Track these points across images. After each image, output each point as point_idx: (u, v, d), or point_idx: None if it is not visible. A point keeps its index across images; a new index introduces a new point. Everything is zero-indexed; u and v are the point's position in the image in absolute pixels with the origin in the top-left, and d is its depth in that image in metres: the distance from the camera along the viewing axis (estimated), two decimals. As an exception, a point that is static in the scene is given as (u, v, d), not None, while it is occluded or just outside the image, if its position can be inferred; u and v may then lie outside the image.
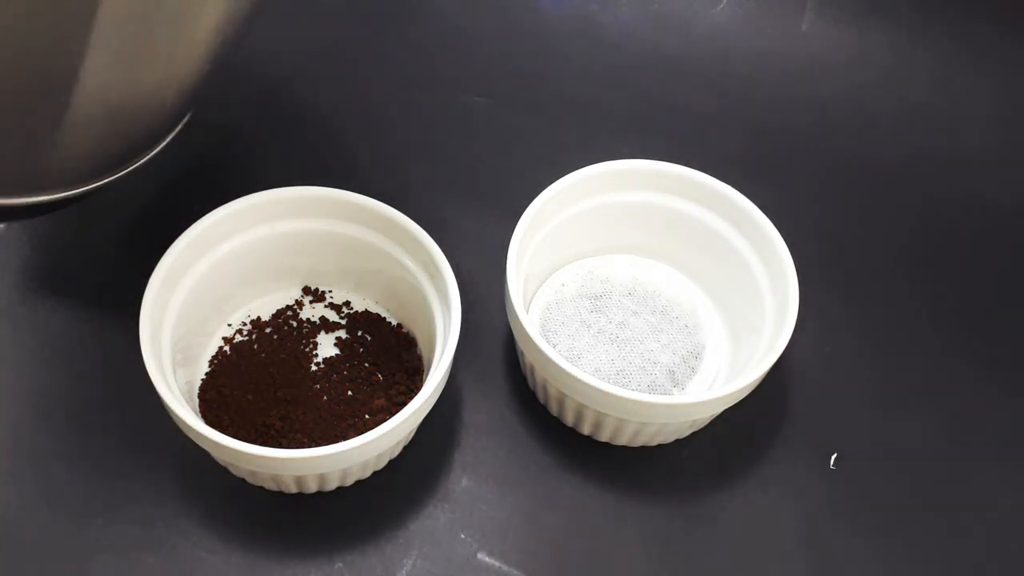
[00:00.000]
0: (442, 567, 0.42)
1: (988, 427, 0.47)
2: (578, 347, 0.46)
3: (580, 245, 0.49)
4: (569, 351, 0.46)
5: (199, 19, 0.39)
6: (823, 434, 0.47)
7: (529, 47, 0.59)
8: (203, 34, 0.40)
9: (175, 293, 0.43)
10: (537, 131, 0.56)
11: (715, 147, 0.56)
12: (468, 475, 0.45)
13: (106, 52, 0.36)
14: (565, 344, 0.46)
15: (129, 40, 0.37)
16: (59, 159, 0.41)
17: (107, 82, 0.38)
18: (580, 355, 0.46)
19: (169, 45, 0.39)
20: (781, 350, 0.42)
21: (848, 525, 0.44)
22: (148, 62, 0.39)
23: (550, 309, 0.48)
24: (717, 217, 0.47)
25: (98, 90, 0.38)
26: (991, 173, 0.56)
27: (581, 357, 0.46)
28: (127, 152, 0.44)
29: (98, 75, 0.37)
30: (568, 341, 0.46)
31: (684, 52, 0.60)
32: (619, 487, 0.45)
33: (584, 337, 0.46)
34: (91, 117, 0.39)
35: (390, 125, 0.56)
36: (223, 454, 0.40)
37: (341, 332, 0.47)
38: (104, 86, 0.38)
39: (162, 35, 0.38)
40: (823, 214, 0.54)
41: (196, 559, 0.42)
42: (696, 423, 0.45)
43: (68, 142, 0.40)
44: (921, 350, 0.49)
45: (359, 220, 0.45)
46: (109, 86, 0.38)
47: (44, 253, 0.50)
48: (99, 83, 0.37)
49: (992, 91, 0.59)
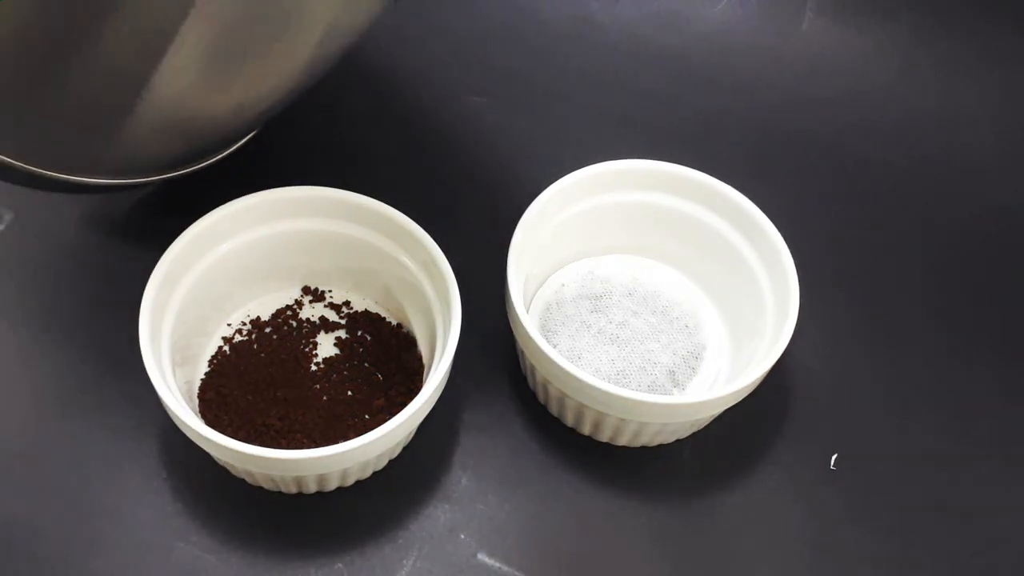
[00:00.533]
0: (442, 567, 0.42)
1: (989, 427, 0.47)
2: (578, 347, 0.46)
3: (580, 245, 0.49)
4: (569, 351, 0.46)
5: (289, 59, 0.39)
6: (823, 434, 0.47)
7: (529, 47, 0.59)
8: (291, 71, 0.40)
9: (175, 293, 0.43)
10: (537, 131, 0.56)
11: (715, 147, 0.56)
12: (468, 475, 0.45)
13: (185, 74, 0.36)
14: (565, 344, 0.46)
15: (212, 68, 0.37)
16: (119, 153, 0.41)
17: (179, 101, 0.38)
18: (580, 355, 0.46)
19: (254, 79, 0.39)
20: (781, 351, 0.42)
21: (848, 525, 0.44)
22: (225, 90, 0.39)
23: (550, 309, 0.48)
24: (717, 217, 0.47)
25: (168, 103, 0.38)
26: (993, 173, 0.56)
27: (581, 357, 0.46)
28: (190, 156, 0.44)
29: (170, 93, 0.37)
30: (568, 341, 0.46)
31: (684, 52, 0.60)
32: (619, 487, 0.45)
33: (584, 337, 0.46)
34: (155, 127, 0.39)
35: (390, 125, 0.56)
36: (223, 454, 0.40)
37: (341, 332, 0.47)
38: (175, 105, 0.38)
39: (248, 70, 0.38)
40: (824, 214, 0.54)
41: (196, 559, 0.42)
42: (696, 423, 0.45)
43: (129, 141, 0.40)
44: (922, 351, 0.49)
45: (359, 220, 0.45)
46: (180, 105, 0.38)
47: (44, 253, 0.50)
48: (170, 97, 0.37)
49: (994, 91, 0.59)
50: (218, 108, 0.40)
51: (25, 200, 0.51)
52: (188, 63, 0.36)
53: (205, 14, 0.33)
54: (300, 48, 0.38)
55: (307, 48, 0.39)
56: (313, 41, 0.38)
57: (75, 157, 0.41)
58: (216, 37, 0.35)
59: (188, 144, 0.43)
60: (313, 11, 0.37)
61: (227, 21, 0.35)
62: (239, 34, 0.36)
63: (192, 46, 0.35)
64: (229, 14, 0.34)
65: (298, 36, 0.38)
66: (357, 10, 0.39)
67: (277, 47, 0.38)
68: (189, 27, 0.34)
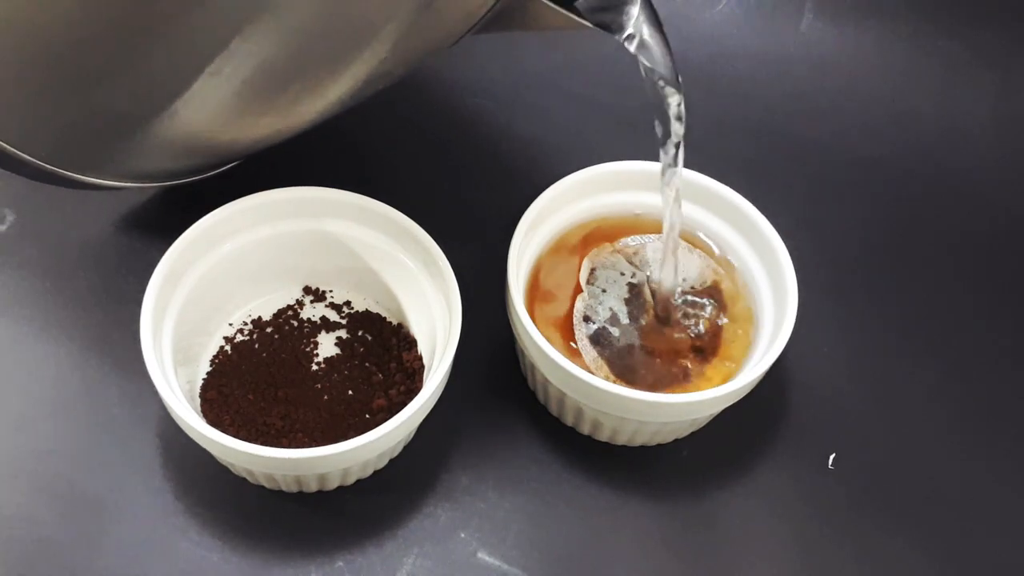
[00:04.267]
0: (442, 567, 0.42)
1: (988, 427, 0.48)
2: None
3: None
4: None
5: (321, 101, 0.39)
6: (822, 434, 0.47)
7: (529, 47, 0.59)
8: (321, 111, 0.39)
9: (176, 293, 0.43)
10: (536, 131, 0.56)
11: (714, 147, 0.55)
12: (468, 475, 0.45)
13: (212, 104, 0.36)
14: (565, 344, 0.46)
15: (242, 102, 0.37)
16: (137, 162, 0.41)
17: (205, 125, 0.38)
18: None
19: (284, 115, 0.39)
20: (780, 350, 0.42)
21: (847, 525, 0.44)
22: (254, 123, 0.39)
23: (550, 309, 0.48)
24: (716, 217, 0.47)
25: (193, 127, 0.38)
26: (992, 173, 0.56)
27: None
28: (207, 168, 0.44)
29: (197, 118, 0.37)
30: (568, 341, 0.46)
31: (683, 52, 0.59)
32: (619, 487, 0.45)
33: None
34: (177, 145, 0.40)
35: (390, 125, 0.56)
36: (224, 454, 0.40)
37: (342, 332, 0.47)
38: (200, 128, 0.38)
39: (280, 106, 0.38)
40: (822, 215, 0.54)
41: (197, 557, 0.42)
42: (696, 423, 0.45)
43: (150, 153, 0.40)
44: (921, 351, 0.50)
45: (360, 220, 0.46)
46: (206, 128, 0.39)
47: (44, 253, 0.50)
48: (196, 121, 0.38)
49: (993, 91, 0.59)
50: (243, 135, 0.40)
51: (26, 200, 0.51)
52: (217, 94, 0.36)
53: (243, 51, 0.33)
54: (332, 93, 0.38)
55: (340, 94, 0.38)
56: (348, 92, 0.38)
57: (92, 159, 0.41)
58: (252, 74, 0.35)
59: (206, 160, 0.44)
60: (351, 65, 0.36)
61: (264, 60, 0.34)
62: (275, 75, 0.36)
63: (226, 80, 0.34)
64: (267, 53, 0.34)
65: (333, 87, 0.38)
66: (407, 59, 0.39)
67: (309, 91, 0.38)
68: (224, 61, 0.34)
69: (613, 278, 0.46)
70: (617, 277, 0.47)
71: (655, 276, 0.46)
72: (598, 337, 0.45)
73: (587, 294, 0.46)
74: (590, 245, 0.47)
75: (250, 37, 0.33)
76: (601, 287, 0.46)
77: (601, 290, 0.46)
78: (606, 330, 0.45)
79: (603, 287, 0.46)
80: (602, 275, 0.47)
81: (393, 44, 0.36)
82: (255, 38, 0.33)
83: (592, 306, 0.46)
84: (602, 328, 0.45)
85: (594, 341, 0.45)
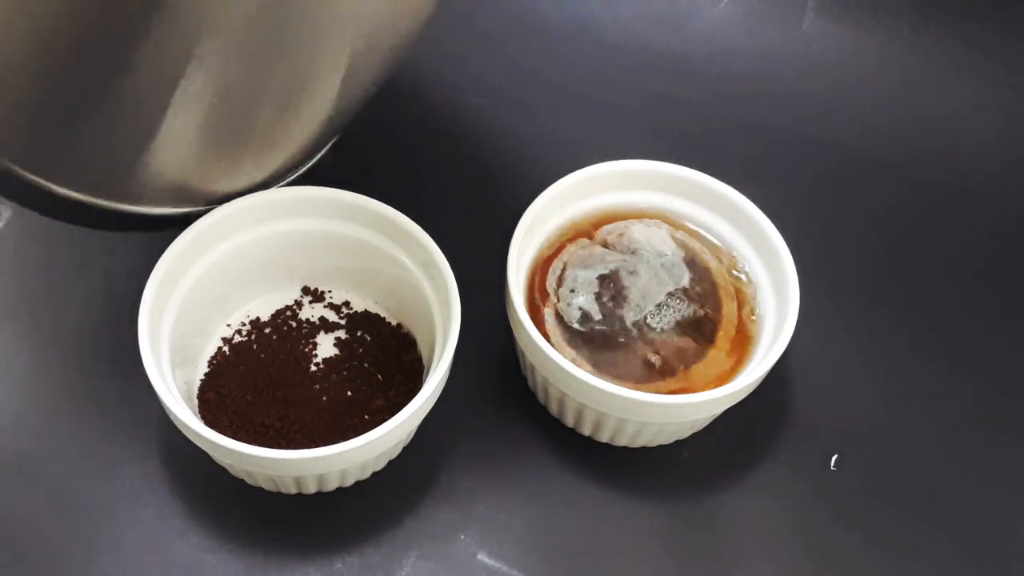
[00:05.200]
0: (442, 568, 0.42)
1: (989, 427, 0.47)
2: (578, 347, 0.46)
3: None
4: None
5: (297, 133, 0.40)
6: (824, 434, 0.46)
7: (528, 47, 0.59)
8: (299, 144, 0.41)
9: (174, 293, 0.43)
10: (536, 131, 0.56)
11: (715, 147, 0.55)
12: (468, 475, 0.45)
13: (183, 143, 0.37)
14: (565, 344, 0.46)
15: (207, 143, 0.38)
16: (138, 184, 0.42)
17: (184, 166, 0.40)
18: (580, 355, 0.46)
19: (244, 170, 0.41)
20: (781, 350, 0.42)
21: (849, 526, 0.44)
22: (227, 170, 0.41)
23: (550, 309, 0.47)
24: (717, 217, 0.47)
25: (169, 168, 0.39)
26: (992, 173, 0.56)
27: (581, 357, 0.46)
28: (204, 199, 0.45)
29: (171, 159, 0.38)
30: (568, 341, 0.46)
31: (684, 52, 0.60)
32: (619, 487, 0.45)
33: (584, 337, 0.46)
34: (156, 183, 0.40)
35: (389, 125, 0.56)
36: (222, 455, 0.40)
37: (340, 332, 0.47)
38: (182, 168, 0.40)
39: (237, 159, 0.40)
40: (823, 214, 0.54)
41: (196, 559, 0.42)
42: (696, 423, 0.45)
43: (143, 177, 0.41)
44: (922, 350, 0.49)
45: (359, 220, 0.45)
46: (187, 168, 0.40)
47: (44, 253, 0.50)
48: (176, 160, 0.39)
49: (993, 90, 0.59)
50: (220, 176, 0.42)
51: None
52: (184, 133, 0.36)
53: (194, 91, 0.34)
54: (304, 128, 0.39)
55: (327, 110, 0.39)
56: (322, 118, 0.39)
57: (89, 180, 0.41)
58: (208, 115, 0.35)
59: (194, 201, 0.44)
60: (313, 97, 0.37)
61: (219, 99, 0.35)
62: (236, 114, 0.36)
63: (186, 120, 0.35)
64: (219, 94, 0.35)
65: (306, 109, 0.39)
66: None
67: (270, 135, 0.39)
68: (181, 101, 0.34)
69: (586, 277, 0.46)
70: (591, 277, 0.46)
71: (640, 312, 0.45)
72: (576, 336, 0.44)
73: (555, 297, 0.45)
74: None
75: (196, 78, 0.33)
76: (570, 287, 0.45)
77: (570, 290, 0.45)
78: (580, 328, 0.44)
79: (571, 287, 0.45)
80: (572, 274, 0.46)
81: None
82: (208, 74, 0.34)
83: (564, 308, 0.45)
84: (577, 328, 0.44)
85: (571, 343, 0.44)
